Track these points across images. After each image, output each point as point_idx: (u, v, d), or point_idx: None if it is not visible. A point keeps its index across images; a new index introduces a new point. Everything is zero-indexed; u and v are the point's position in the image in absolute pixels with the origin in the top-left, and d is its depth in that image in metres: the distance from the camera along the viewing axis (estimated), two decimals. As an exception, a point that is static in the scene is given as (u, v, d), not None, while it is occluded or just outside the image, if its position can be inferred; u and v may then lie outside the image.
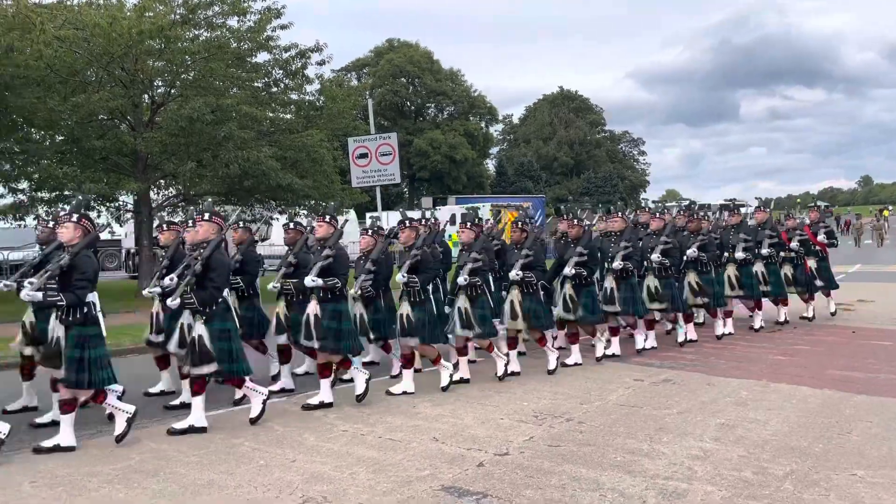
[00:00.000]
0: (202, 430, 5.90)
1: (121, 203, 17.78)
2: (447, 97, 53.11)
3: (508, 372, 7.79)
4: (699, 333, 10.19)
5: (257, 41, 16.50)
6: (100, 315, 5.78)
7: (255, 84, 17.51)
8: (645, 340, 9.29)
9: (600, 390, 7.22)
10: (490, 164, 61.16)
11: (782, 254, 11.21)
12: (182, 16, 15.50)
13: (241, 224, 7.82)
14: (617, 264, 8.69)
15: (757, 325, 10.76)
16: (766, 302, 11.09)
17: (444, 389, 7.19)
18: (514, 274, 7.67)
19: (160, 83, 16.82)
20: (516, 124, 69.90)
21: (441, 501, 4.39)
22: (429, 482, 4.70)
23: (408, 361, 7.29)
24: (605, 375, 7.92)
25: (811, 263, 11.47)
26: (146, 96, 16.70)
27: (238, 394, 6.97)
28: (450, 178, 50.60)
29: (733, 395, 6.93)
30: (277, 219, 19.36)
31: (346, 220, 8.11)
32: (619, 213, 9.36)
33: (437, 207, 17.55)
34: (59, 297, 5.45)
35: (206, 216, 6.23)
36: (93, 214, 16.49)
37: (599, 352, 8.70)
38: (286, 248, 7.57)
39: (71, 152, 15.97)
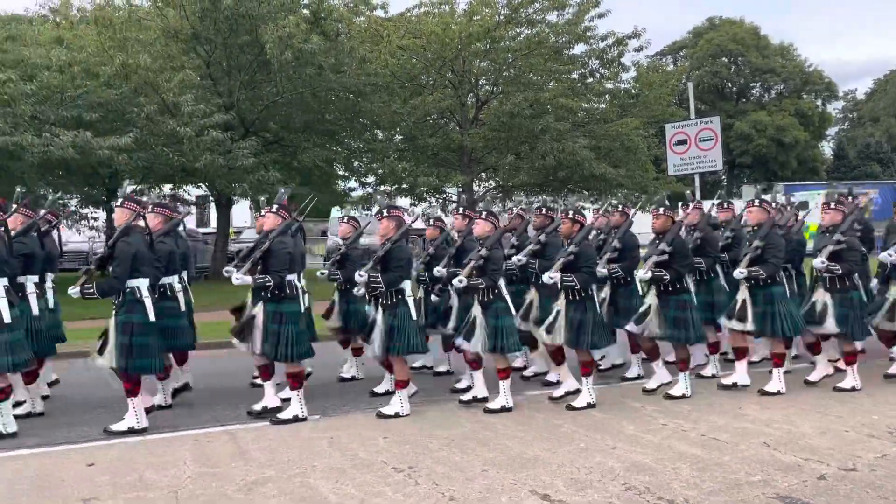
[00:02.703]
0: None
1: (446, 195, 19.49)
2: (775, 74, 48.41)
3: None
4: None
5: (575, 33, 16.83)
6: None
7: (572, 76, 17.88)
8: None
9: (978, 411, 6.05)
10: (826, 147, 54.47)
11: None
12: (506, 16, 16.42)
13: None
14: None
15: None
16: None
17: (380, 416, 6.07)
18: (548, 277, 6.10)
19: (484, 82, 18.05)
20: (861, 100, 61.12)
21: (775, 511, 4.07)
22: (760, 488, 4.38)
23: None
24: (984, 394, 6.61)
25: None
26: (471, 95, 18.04)
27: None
28: (776, 163, 46.13)
29: None
30: (587, 207, 19.58)
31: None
32: None
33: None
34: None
35: (119, 202, 5.82)
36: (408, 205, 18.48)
37: (680, 391, 6.52)
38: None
39: (408, 150, 17.94)
